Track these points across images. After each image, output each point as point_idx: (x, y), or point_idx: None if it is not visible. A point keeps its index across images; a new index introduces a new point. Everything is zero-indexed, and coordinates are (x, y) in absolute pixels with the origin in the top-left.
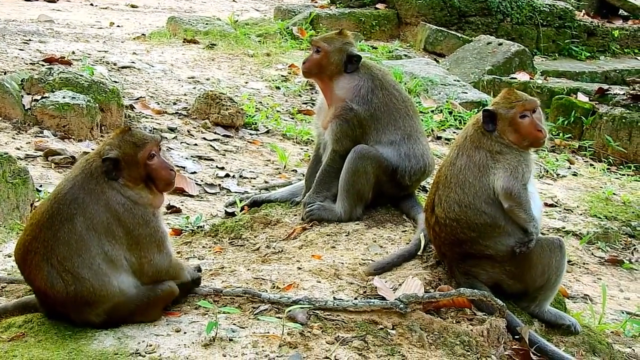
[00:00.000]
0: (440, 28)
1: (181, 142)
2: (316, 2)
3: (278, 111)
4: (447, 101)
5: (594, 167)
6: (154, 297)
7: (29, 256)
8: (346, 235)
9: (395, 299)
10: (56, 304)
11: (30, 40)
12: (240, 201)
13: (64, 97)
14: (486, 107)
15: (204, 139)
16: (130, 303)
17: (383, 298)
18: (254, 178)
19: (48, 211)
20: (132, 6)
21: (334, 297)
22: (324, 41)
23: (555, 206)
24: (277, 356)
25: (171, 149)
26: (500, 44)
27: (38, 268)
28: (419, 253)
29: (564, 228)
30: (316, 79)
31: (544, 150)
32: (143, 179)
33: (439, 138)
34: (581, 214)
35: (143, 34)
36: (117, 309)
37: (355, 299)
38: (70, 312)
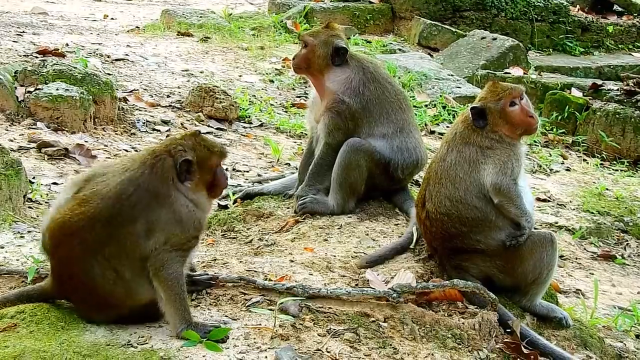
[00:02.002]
0: (435, 22)
1: (169, 134)
2: None
3: (272, 104)
4: (440, 96)
5: (587, 163)
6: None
7: (70, 240)
8: (339, 228)
9: (389, 289)
10: (78, 295)
11: (23, 32)
12: (233, 194)
13: (57, 89)
14: (473, 105)
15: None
16: (147, 308)
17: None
18: (247, 171)
19: (109, 208)
20: None
21: (326, 287)
22: (310, 35)
23: (548, 201)
24: (268, 348)
25: None
26: (494, 39)
27: (80, 258)
28: (411, 246)
29: (556, 223)
30: (307, 74)
31: (537, 145)
32: (208, 184)
33: (432, 132)
34: (574, 209)
35: (137, 27)
36: (132, 313)
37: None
38: (87, 307)
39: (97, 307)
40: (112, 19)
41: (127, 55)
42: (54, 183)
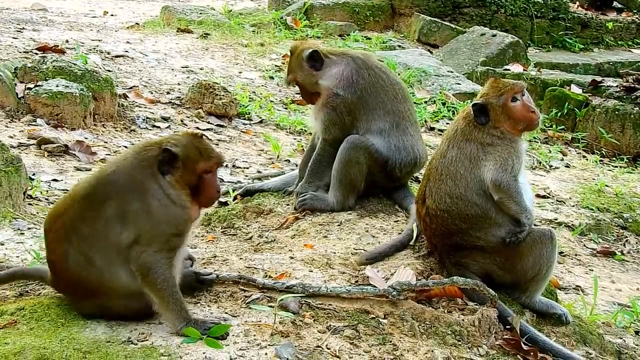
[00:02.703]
0: (434, 19)
1: (174, 132)
2: None
3: (271, 101)
4: (440, 92)
5: (587, 159)
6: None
7: (54, 226)
8: (338, 225)
9: (389, 286)
10: (62, 282)
11: (23, 28)
12: (233, 190)
13: (57, 86)
14: (475, 101)
15: (197, 128)
16: (129, 300)
17: (375, 287)
18: (247, 168)
19: (86, 188)
20: None
21: (326, 285)
22: (290, 74)
23: (548, 197)
24: (268, 345)
25: None
26: (494, 36)
27: (59, 242)
28: (411, 243)
29: (556, 219)
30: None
31: (537, 142)
32: (191, 187)
33: (432, 129)
34: (573, 206)
35: (137, 23)
36: (116, 304)
37: (348, 287)
38: (70, 294)
39: (79, 295)
40: (111, 15)
41: (126, 51)
42: (54, 180)
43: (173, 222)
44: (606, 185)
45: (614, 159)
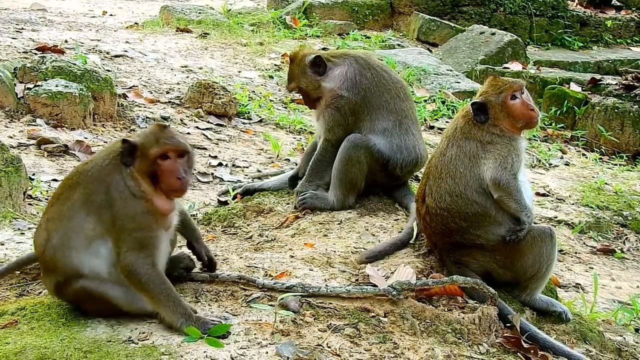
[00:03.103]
0: (434, 17)
1: None
2: None
3: (271, 100)
4: (440, 91)
5: (586, 157)
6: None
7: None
8: (339, 224)
9: (388, 286)
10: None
11: (23, 28)
12: (233, 190)
13: (56, 86)
14: (474, 100)
15: (197, 127)
16: (99, 287)
17: (375, 286)
18: (247, 167)
19: (68, 175)
20: None
21: (326, 285)
22: (291, 81)
23: (548, 196)
24: (269, 343)
25: None
26: (493, 34)
27: (42, 218)
28: (411, 242)
29: (556, 217)
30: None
31: (536, 140)
32: (149, 175)
33: (431, 127)
34: (573, 204)
35: (136, 23)
36: (83, 289)
37: (348, 286)
38: (40, 270)
39: (43, 271)
40: (111, 15)
41: (126, 51)
42: (54, 180)
43: (131, 215)
44: (606, 183)
45: (613, 156)
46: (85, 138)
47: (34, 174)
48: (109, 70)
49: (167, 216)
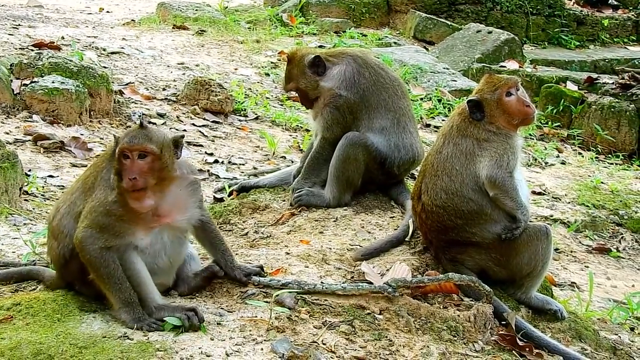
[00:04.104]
0: (430, 16)
1: (170, 128)
2: None
3: (267, 98)
4: (436, 89)
5: (583, 156)
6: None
7: None
8: (334, 221)
9: (384, 283)
10: None
11: (19, 25)
12: (229, 187)
13: (53, 82)
14: (470, 98)
15: (193, 124)
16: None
17: (371, 283)
18: (243, 164)
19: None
20: None
21: (321, 282)
22: (289, 82)
23: (544, 194)
24: (264, 340)
25: None
26: (489, 32)
27: None
28: (406, 239)
29: (552, 216)
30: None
31: (533, 138)
32: (118, 172)
33: (427, 125)
34: (569, 202)
35: (132, 20)
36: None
37: (344, 283)
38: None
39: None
40: (107, 12)
41: (122, 48)
42: (50, 176)
43: (102, 201)
44: (602, 182)
45: (609, 155)
46: (82, 134)
47: (30, 170)
48: (105, 67)
49: (138, 213)
